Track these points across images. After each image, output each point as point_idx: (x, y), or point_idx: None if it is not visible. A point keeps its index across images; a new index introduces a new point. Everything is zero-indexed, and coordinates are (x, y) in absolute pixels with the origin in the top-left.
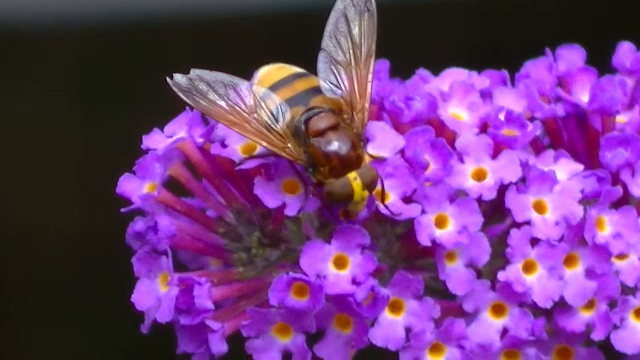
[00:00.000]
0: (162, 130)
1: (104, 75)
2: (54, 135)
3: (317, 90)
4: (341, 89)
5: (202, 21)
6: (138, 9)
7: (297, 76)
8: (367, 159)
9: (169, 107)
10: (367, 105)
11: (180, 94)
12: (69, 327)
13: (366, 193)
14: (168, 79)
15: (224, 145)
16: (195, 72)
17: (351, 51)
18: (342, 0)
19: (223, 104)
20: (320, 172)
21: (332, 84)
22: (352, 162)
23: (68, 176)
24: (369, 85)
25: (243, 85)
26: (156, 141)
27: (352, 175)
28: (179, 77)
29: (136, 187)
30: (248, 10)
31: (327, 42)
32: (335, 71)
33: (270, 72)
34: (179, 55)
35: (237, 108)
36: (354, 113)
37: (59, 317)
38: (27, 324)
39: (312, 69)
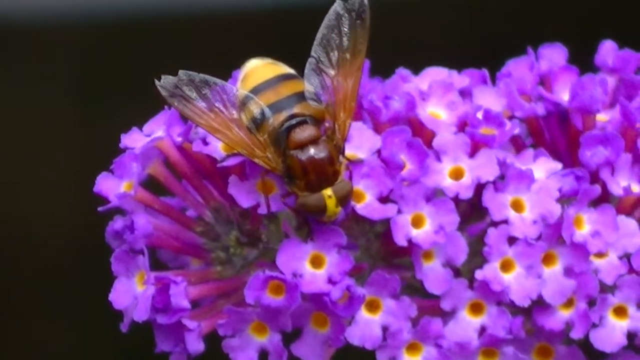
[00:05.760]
0: (141, 128)
1: (102, 69)
2: (53, 129)
3: (301, 96)
4: (325, 99)
5: (202, 16)
6: (138, 4)
7: (283, 78)
8: (343, 169)
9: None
10: (349, 120)
11: (166, 97)
12: (68, 318)
13: (339, 209)
14: (155, 81)
15: (205, 143)
16: (182, 74)
17: (340, 62)
18: (336, 7)
19: (207, 108)
20: (296, 184)
21: (317, 92)
22: (328, 178)
23: (67, 170)
24: (354, 98)
25: (228, 87)
26: (134, 140)
27: (327, 192)
28: (166, 80)
29: (113, 186)
30: (250, 6)
31: (316, 50)
32: (321, 80)
33: (257, 69)
34: (178, 49)
35: (220, 113)
36: (336, 124)
37: (58, 309)
38: (27, 315)
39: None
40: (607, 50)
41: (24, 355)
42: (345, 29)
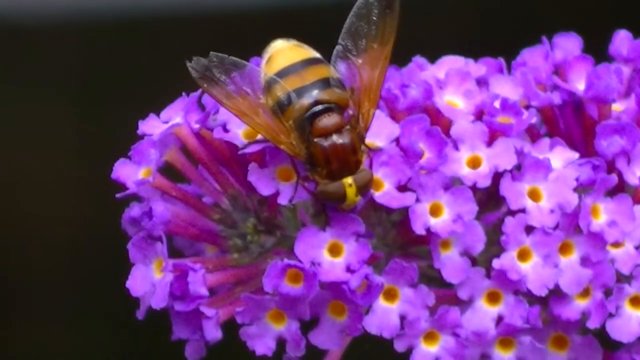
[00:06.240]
0: (158, 115)
1: (102, 69)
2: (53, 129)
3: (326, 82)
4: (350, 87)
5: (202, 16)
6: (138, 3)
7: (309, 62)
8: (365, 158)
9: (164, 98)
10: (373, 109)
11: (196, 79)
12: (68, 318)
13: (358, 198)
14: (187, 62)
15: (225, 130)
16: (213, 56)
17: (367, 51)
18: None
19: (235, 91)
20: (317, 172)
21: (342, 79)
22: (350, 167)
23: (67, 170)
24: (380, 87)
25: (256, 71)
26: (152, 126)
27: (348, 180)
28: (197, 61)
29: (131, 172)
30: (250, 6)
31: (344, 37)
32: (348, 67)
33: (282, 51)
34: (178, 49)
35: (247, 96)
36: (360, 113)
37: (58, 309)
38: (27, 315)
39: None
40: (622, 40)
41: (24, 355)
42: (374, 18)
